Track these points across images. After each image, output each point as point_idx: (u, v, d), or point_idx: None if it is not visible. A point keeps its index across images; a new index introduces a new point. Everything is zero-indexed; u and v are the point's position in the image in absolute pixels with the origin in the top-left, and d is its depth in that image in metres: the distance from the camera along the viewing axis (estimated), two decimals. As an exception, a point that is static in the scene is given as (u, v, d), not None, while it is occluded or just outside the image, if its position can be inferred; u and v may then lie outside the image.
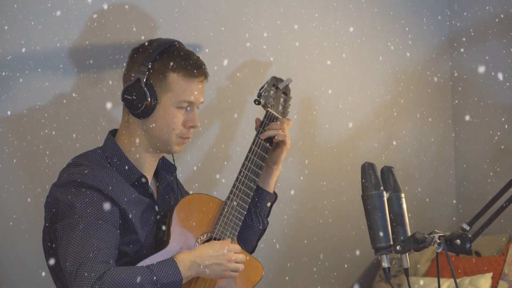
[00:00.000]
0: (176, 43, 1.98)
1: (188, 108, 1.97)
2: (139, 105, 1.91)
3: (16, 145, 2.31)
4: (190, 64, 1.94)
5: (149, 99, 1.91)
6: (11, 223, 2.33)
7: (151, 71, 1.92)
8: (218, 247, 1.91)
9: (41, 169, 2.33)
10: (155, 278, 1.76)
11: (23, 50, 2.29)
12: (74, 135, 2.37)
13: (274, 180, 2.20)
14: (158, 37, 2.03)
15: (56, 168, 1.98)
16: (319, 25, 2.85)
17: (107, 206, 1.83)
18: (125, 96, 1.92)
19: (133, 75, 1.94)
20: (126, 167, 1.94)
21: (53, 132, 2.35)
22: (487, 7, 2.97)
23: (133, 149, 1.96)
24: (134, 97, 1.91)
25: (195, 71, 1.94)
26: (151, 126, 1.94)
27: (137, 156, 1.97)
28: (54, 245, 1.86)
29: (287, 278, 2.87)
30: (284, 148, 2.16)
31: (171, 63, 1.93)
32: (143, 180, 1.96)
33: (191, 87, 1.95)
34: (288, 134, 2.15)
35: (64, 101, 2.36)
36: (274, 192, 2.23)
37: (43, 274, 2.04)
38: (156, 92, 1.92)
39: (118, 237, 1.84)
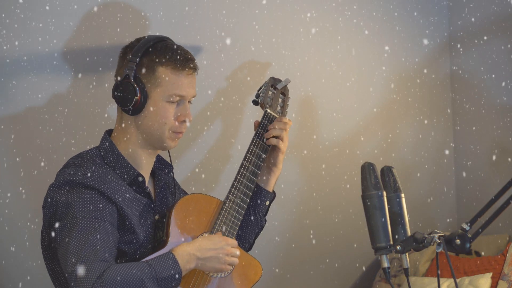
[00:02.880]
0: (165, 39, 1.99)
1: (179, 102, 1.96)
2: (129, 101, 1.90)
3: (15, 146, 2.31)
4: (178, 57, 1.94)
5: (138, 94, 1.90)
6: (10, 223, 2.32)
7: (140, 66, 1.92)
8: (217, 240, 1.92)
9: (40, 170, 2.33)
10: (154, 272, 1.76)
11: (21, 51, 2.29)
12: (72, 135, 2.37)
13: (274, 180, 2.21)
14: (149, 35, 2.03)
15: (54, 169, 1.98)
16: (318, 26, 2.85)
17: (104, 205, 1.83)
18: (116, 93, 1.92)
19: (122, 72, 1.94)
20: (123, 166, 1.94)
21: (51, 133, 2.35)
22: (487, 7, 2.97)
23: (129, 147, 1.96)
24: (124, 93, 1.90)
25: (183, 64, 1.94)
26: (143, 122, 1.93)
27: (134, 154, 1.97)
28: (52, 246, 1.86)
29: (286, 277, 2.87)
30: (279, 152, 2.16)
31: (159, 57, 1.93)
32: (140, 179, 1.96)
33: (180, 80, 1.94)
34: (287, 135, 2.15)
35: (62, 101, 2.36)
36: (273, 191, 2.23)
37: (43, 274, 2.04)
38: (145, 87, 1.92)
39: (117, 235, 1.84)
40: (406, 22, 3.05)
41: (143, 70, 1.92)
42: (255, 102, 2.20)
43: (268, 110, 2.17)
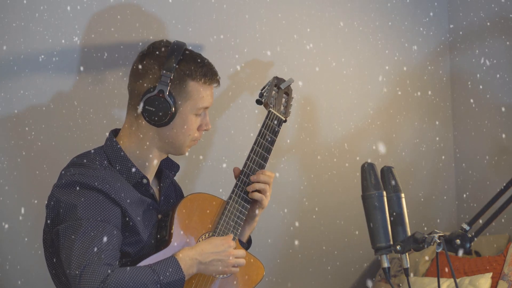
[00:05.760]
0: (185, 46, 1.97)
1: (202, 113, 1.98)
2: (163, 117, 1.91)
3: (17, 144, 2.31)
4: (207, 71, 1.96)
5: (172, 110, 1.91)
6: (11, 224, 2.33)
7: (172, 80, 1.91)
8: (219, 243, 1.92)
9: (41, 169, 2.33)
10: (157, 277, 1.76)
11: (24, 49, 2.29)
12: (75, 134, 2.37)
13: (250, 232, 2.18)
14: (159, 36, 2.03)
15: (56, 168, 1.98)
16: (320, 26, 2.85)
17: (109, 206, 1.82)
18: (147, 107, 1.90)
19: (146, 84, 1.91)
20: (127, 168, 1.93)
21: (54, 132, 2.35)
22: (487, 7, 2.98)
23: (138, 151, 1.96)
24: (157, 109, 1.90)
25: (212, 78, 1.97)
26: (167, 133, 1.94)
27: (142, 157, 1.96)
28: (55, 246, 1.86)
29: (286, 278, 2.87)
30: (260, 207, 2.12)
31: (190, 71, 1.93)
32: (144, 181, 1.96)
33: (208, 93, 1.97)
34: (270, 189, 2.10)
35: (65, 100, 2.37)
36: (249, 238, 2.21)
37: (43, 274, 2.04)
38: (176, 101, 1.92)
39: (121, 237, 1.84)
40: (406, 22, 3.05)
41: (174, 84, 1.92)
42: (258, 102, 2.20)
43: (272, 110, 2.17)
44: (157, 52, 1.94)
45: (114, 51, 2.40)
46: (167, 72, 1.90)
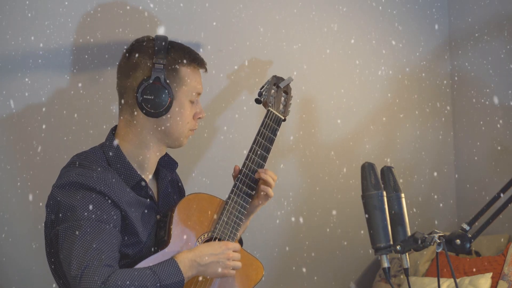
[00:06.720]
0: (167, 38, 2.00)
1: (195, 101, 1.99)
2: (161, 104, 1.90)
3: (16, 144, 2.31)
4: (195, 56, 1.99)
5: (171, 97, 1.91)
6: (11, 223, 2.32)
7: (165, 67, 1.92)
8: (217, 246, 1.92)
9: (41, 168, 2.33)
10: (158, 279, 1.76)
11: (23, 48, 2.29)
12: (74, 133, 2.37)
13: (241, 232, 2.17)
14: (157, 35, 2.03)
15: (56, 167, 1.97)
16: (320, 25, 2.85)
17: (108, 208, 1.82)
18: (144, 96, 1.90)
19: (140, 75, 1.92)
20: (126, 170, 1.93)
21: (53, 131, 2.35)
22: (487, 7, 2.97)
23: (136, 150, 1.96)
24: (156, 96, 1.90)
25: (201, 63, 2.00)
26: (166, 123, 1.94)
27: (140, 157, 1.96)
28: (54, 246, 1.85)
29: (286, 278, 2.87)
30: (264, 202, 2.12)
31: (180, 57, 1.95)
32: (143, 183, 1.95)
33: (198, 77, 2.00)
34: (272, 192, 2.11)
35: (64, 99, 2.36)
36: (241, 238, 2.20)
37: (43, 274, 2.04)
38: (172, 88, 1.93)
39: (120, 238, 1.83)
40: (406, 22, 3.05)
41: (168, 72, 1.93)
42: (257, 101, 2.20)
43: (271, 109, 2.17)
44: (144, 44, 1.95)
45: (112, 49, 2.39)
46: (159, 59, 1.91)
